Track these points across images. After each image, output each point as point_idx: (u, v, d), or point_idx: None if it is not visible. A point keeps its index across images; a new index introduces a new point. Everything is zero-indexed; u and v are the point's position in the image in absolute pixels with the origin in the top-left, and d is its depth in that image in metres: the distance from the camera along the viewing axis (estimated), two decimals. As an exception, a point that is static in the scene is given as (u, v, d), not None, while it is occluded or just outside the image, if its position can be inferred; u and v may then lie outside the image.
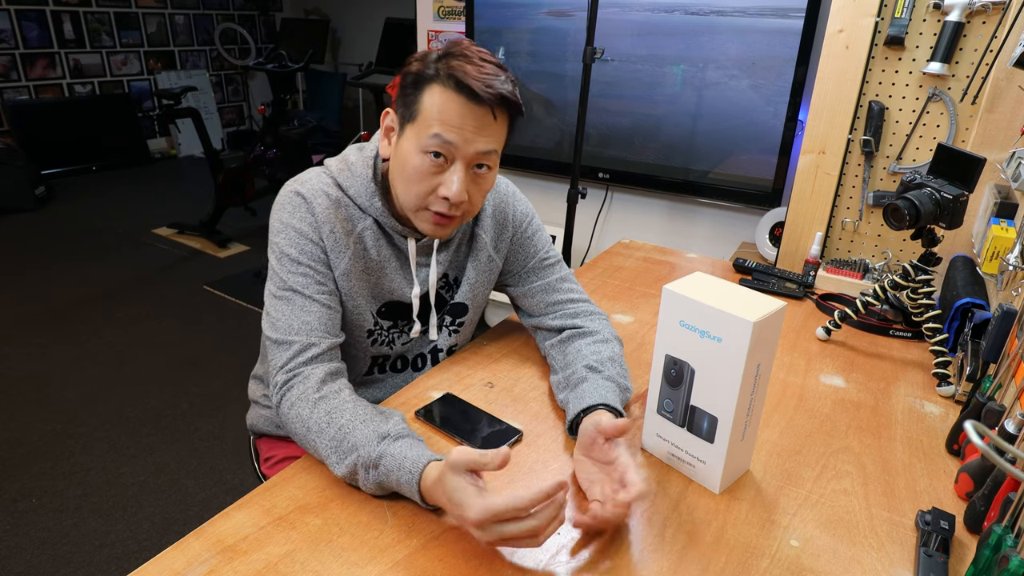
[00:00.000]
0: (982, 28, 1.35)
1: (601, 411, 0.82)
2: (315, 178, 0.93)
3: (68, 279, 3.26)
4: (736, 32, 2.04)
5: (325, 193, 0.91)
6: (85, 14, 5.09)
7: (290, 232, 0.89)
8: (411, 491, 0.71)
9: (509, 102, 0.85)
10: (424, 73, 0.84)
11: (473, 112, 0.83)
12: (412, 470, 0.71)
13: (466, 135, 0.83)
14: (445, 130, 0.83)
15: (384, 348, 1.01)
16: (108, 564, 1.63)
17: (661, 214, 2.43)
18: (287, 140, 3.85)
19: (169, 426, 2.18)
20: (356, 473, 0.74)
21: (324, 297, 0.89)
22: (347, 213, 0.92)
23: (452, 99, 0.82)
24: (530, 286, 1.07)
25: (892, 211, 1.06)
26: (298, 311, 0.87)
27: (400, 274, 0.98)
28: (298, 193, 0.90)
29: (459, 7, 2.55)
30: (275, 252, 0.90)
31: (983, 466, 0.76)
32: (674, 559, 0.69)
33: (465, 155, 0.85)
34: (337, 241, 0.91)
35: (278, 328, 0.87)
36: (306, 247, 0.89)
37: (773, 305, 0.72)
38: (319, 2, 6.07)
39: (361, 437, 0.75)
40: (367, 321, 0.97)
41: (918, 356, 1.17)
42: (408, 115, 0.87)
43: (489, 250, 1.04)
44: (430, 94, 0.84)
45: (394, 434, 0.75)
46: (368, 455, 0.73)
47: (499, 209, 1.05)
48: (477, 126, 0.84)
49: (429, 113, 0.83)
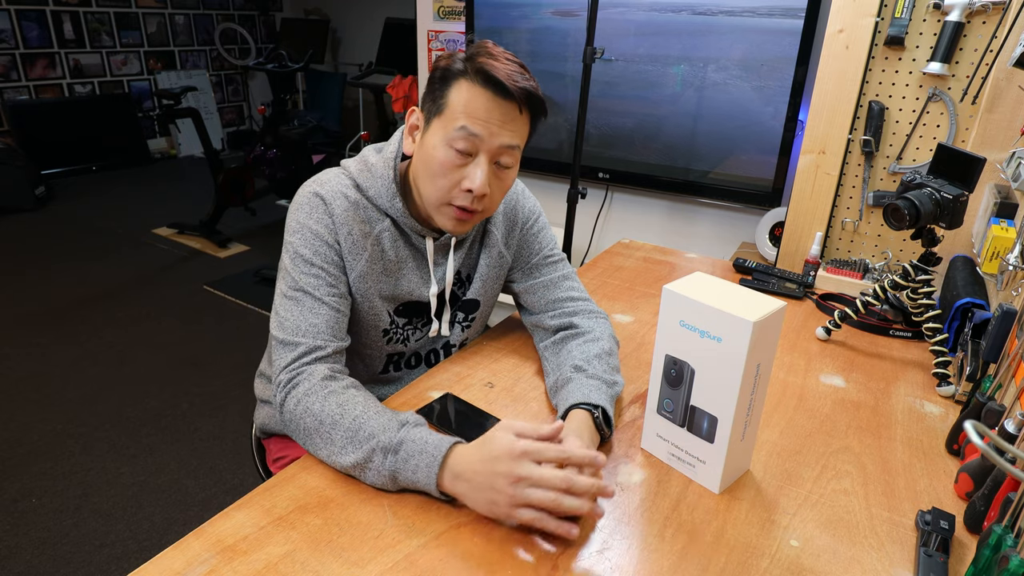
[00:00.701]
0: (982, 28, 1.35)
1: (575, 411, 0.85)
2: (334, 179, 0.93)
3: (68, 279, 3.26)
4: (736, 32, 2.04)
5: (344, 195, 0.91)
6: (85, 14, 5.10)
7: (306, 233, 0.90)
8: (428, 476, 0.72)
9: (534, 98, 0.87)
10: (452, 68, 0.86)
11: (500, 106, 0.85)
12: (434, 453, 0.72)
13: (492, 128, 0.85)
14: (471, 122, 0.84)
15: (399, 346, 1.02)
16: (108, 564, 1.63)
17: (661, 214, 2.43)
18: (287, 140, 3.85)
19: (169, 426, 2.18)
20: (371, 459, 0.74)
21: (334, 300, 0.90)
22: (365, 215, 0.93)
23: (479, 93, 0.84)
24: (533, 282, 1.08)
25: (892, 211, 1.06)
26: (307, 312, 0.87)
27: (417, 273, 0.99)
28: (317, 195, 0.91)
29: (459, 7, 2.55)
30: (289, 251, 0.90)
31: (983, 466, 0.76)
32: (674, 559, 0.69)
33: (489, 148, 0.86)
34: (355, 243, 0.91)
35: (285, 328, 0.87)
36: (320, 249, 0.89)
37: (773, 305, 0.72)
38: (319, 2, 6.07)
39: (378, 425, 0.76)
40: (383, 321, 0.98)
41: (918, 356, 1.17)
42: (435, 109, 0.88)
43: (500, 246, 1.05)
44: (458, 89, 0.85)
45: (413, 421, 0.77)
46: (388, 440, 0.74)
47: (509, 205, 1.06)
48: (503, 120, 0.86)
49: (456, 107, 0.85)
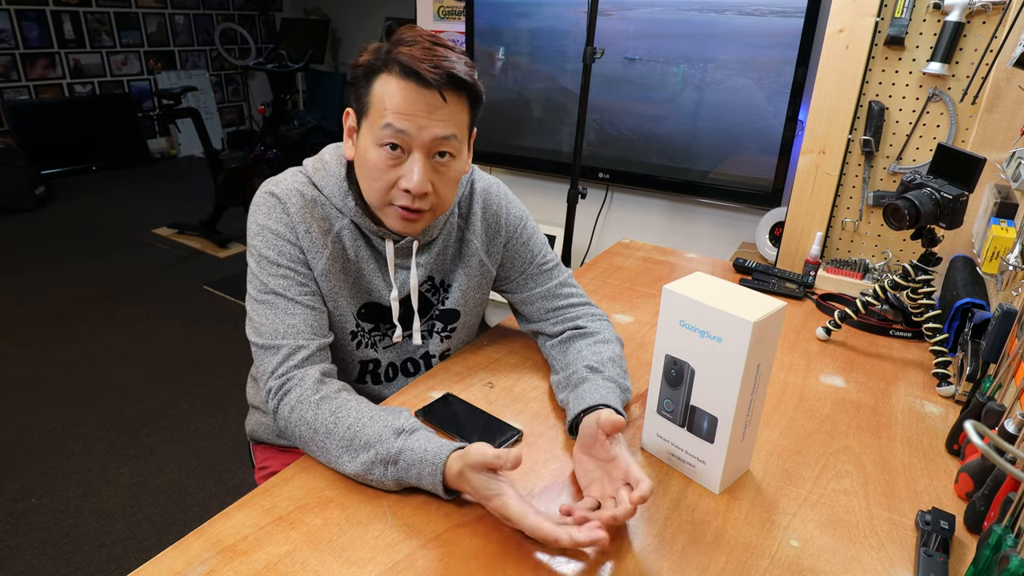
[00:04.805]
0: (982, 28, 1.35)
1: (602, 410, 0.82)
2: (290, 177, 0.91)
3: (68, 279, 3.26)
4: (736, 32, 2.04)
5: (299, 192, 0.89)
6: (85, 14, 5.09)
7: (266, 234, 0.87)
8: (434, 482, 0.72)
9: (460, 82, 0.81)
10: (373, 64, 0.83)
11: (423, 97, 0.80)
12: (435, 463, 0.72)
13: (418, 121, 0.81)
14: (396, 119, 0.80)
15: (370, 351, 0.99)
16: (108, 564, 1.63)
17: (661, 214, 2.43)
18: (287, 140, 3.86)
19: (169, 426, 2.18)
20: (372, 471, 0.74)
21: (307, 299, 0.88)
22: (324, 212, 0.90)
23: (400, 86, 0.80)
24: (529, 292, 1.05)
25: (892, 211, 1.06)
26: (282, 315, 0.85)
27: (379, 276, 0.95)
28: (271, 193, 0.88)
29: (459, 7, 2.55)
30: (253, 255, 0.88)
31: (983, 466, 0.76)
32: (674, 559, 0.69)
33: (421, 143, 0.82)
34: (314, 241, 0.88)
35: (263, 333, 0.85)
36: (284, 248, 0.87)
37: (773, 305, 0.72)
38: (319, 2, 6.07)
39: (373, 434, 0.75)
40: (349, 323, 0.95)
41: (918, 356, 1.17)
42: (361, 109, 0.85)
43: (481, 255, 1.01)
44: (379, 84, 0.82)
45: (408, 428, 0.76)
46: (387, 452, 0.73)
47: (490, 212, 1.02)
48: (428, 111, 0.80)
49: (380, 104, 0.81)
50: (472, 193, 1.01)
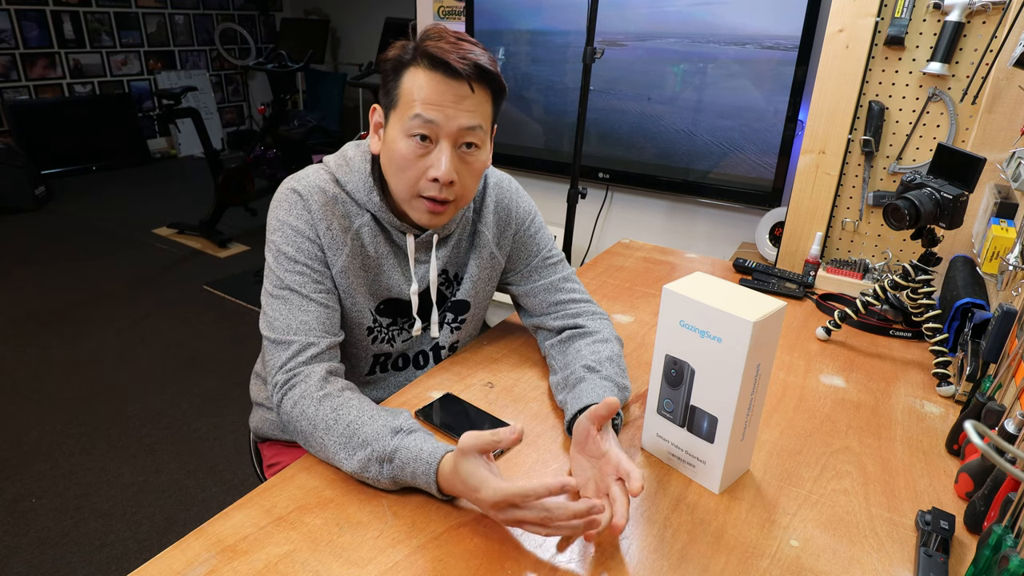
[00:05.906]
0: (982, 28, 1.35)
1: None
2: (312, 175, 0.92)
3: (68, 279, 3.26)
4: (736, 32, 2.04)
5: (322, 189, 0.91)
6: (85, 14, 5.09)
7: (287, 230, 0.89)
8: (428, 482, 0.72)
9: (487, 73, 0.85)
10: (402, 58, 0.85)
11: (451, 87, 0.83)
12: (429, 461, 0.72)
13: (447, 111, 0.83)
14: (425, 109, 0.83)
15: (385, 346, 1.01)
16: (108, 564, 1.63)
17: (661, 214, 2.43)
18: (287, 140, 3.86)
19: (169, 426, 2.18)
20: (368, 468, 0.74)
21: (322, 296, 0.89)
22: (344, 209, 0.92)
23: (429, 78, 0.83)
24: (532, 285, 1.06)
25: (892, 211, 1.06)
26: (296, 311, 0.87)
27: (398, 271, 0.97)
28: (294, 190, 0.90)
29: (459, 7, 2.55)
30: (272, 250, 0.90)
31: (983, 466, 0.76)
32: (674, 559, 0.69)
33: (449, 132, 0.84)
34: (334, 238, 0.90)
35: (276, 328, 0.86)
36: (303, 245, 0.89)
37: (773, 305, 0.72)
38: (319, 2, 6.07)
39: (372, 432, 0.75)
40: (366, 319, 0.96)
41: (918, 356, 1.17)
42: (390, 103, 0.87)
43: (492, 247, 1.03)
44: (408, 77, 0.84)
45: (406, 428, 0.76)
46: (383, 449, 0.74)
47: (502, 205, 1.04)
48: (456, 100, 0.83)
49: (409, 96, 0.84)
50: (485, 187, 1.04)
